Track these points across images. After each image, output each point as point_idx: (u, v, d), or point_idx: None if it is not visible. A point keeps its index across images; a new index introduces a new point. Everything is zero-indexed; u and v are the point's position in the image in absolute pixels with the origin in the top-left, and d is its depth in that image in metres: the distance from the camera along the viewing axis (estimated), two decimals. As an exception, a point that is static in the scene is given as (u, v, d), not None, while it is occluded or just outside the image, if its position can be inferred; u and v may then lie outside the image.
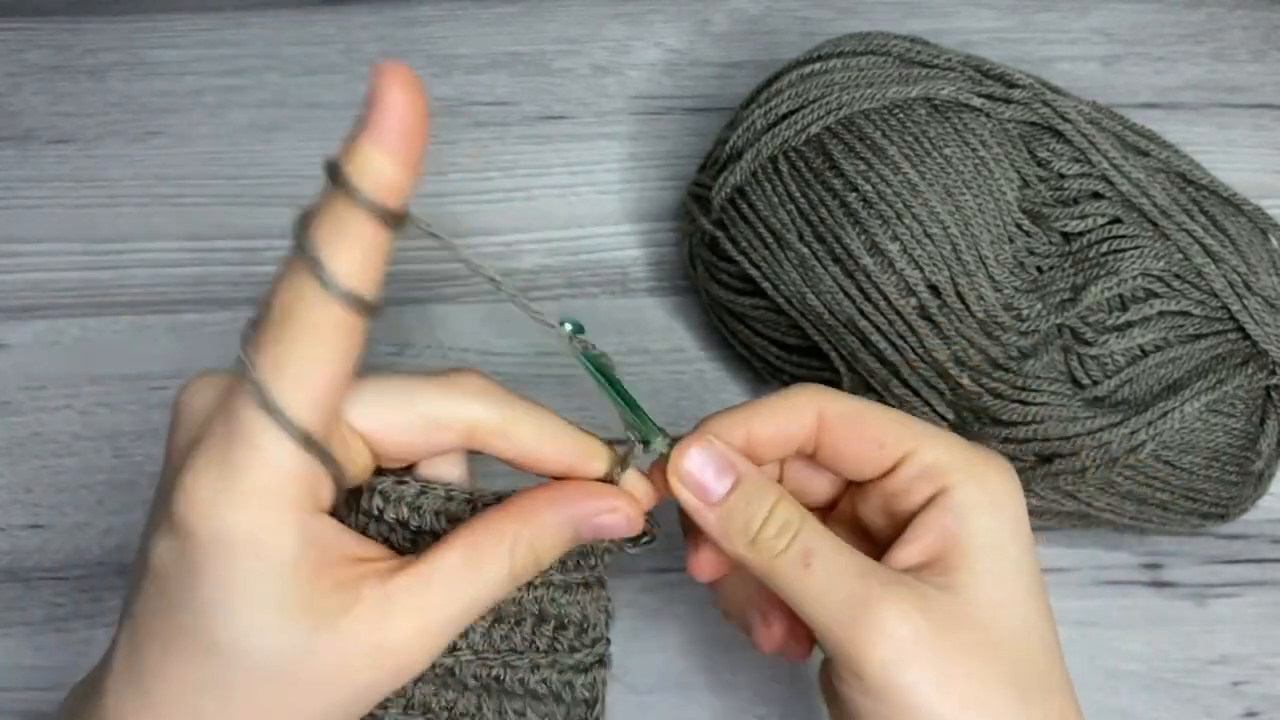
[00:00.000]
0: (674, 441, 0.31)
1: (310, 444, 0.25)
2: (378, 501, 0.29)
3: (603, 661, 0.32)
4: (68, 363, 0.48)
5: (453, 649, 0.29)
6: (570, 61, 0.55)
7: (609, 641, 0.32)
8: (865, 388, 0.41)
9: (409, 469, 0.31)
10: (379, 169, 0.25)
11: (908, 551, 0.30)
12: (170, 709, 0.26)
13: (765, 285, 0.42)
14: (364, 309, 0.25)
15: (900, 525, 0.30)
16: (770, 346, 0.44)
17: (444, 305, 0.49)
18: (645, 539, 0.32)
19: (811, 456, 0.32)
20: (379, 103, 0.25)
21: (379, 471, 0.30)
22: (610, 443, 0.31)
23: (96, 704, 0.27)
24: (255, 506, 0.25)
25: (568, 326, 0.30)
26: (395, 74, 0.24)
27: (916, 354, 0.39)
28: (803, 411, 0.31)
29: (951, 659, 0.28)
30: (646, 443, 0.31)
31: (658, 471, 0.31)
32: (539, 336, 0.48)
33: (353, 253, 0.25)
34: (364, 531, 0.29)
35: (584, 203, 0.51)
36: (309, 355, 0.25)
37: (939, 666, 0.27)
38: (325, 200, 0.25)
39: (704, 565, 0.33)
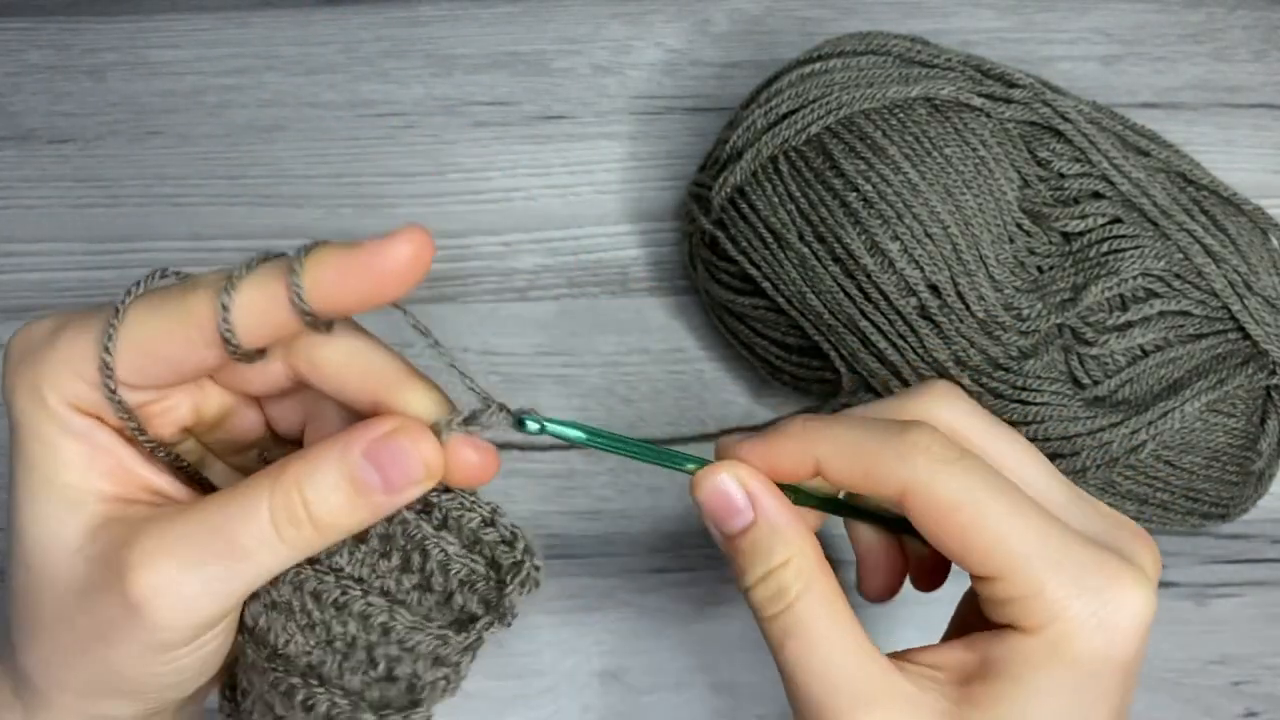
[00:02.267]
0: (701, 463, 0.28)
1: (105, 370, 0.25)
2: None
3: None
4: (68, 363, 0.48)
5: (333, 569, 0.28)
6: (570, 61, 0.55)
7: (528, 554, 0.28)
8: (865, 388, 0.41)
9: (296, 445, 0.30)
10: (327, 276, 0.24)
11: (950, 653, 0.26)
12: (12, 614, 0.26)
13: (765, 285, 0.42)
14: (229, 344, 0.25)
15: (971, 599, 0.27)
16: (770, 346, 0.44)
17: (444, 305, 0.49)
18: (519, 567, 0.28)
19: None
20: (382, 244, 0.24)
21: (446, 491, 0.28)
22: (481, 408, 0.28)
23: None
24: (45, 377, 0.25)
25: (531, 424, 0.27)
26: (414, 240, 0.24)
27: (916, 354, 0.39)
28: (885, 481, 0.26)
29: None
30: (684, 470, 0.28)
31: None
32: (540, 337, 0.48)
33: (255, 302, 0.24)
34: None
35: (584, 203, 0.51)
36: (164, 325, 0.25)
37: None
38: (283, 259, 0.25)
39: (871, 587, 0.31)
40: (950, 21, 0.56)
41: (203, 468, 0.30)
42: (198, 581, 0.25)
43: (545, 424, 0.27)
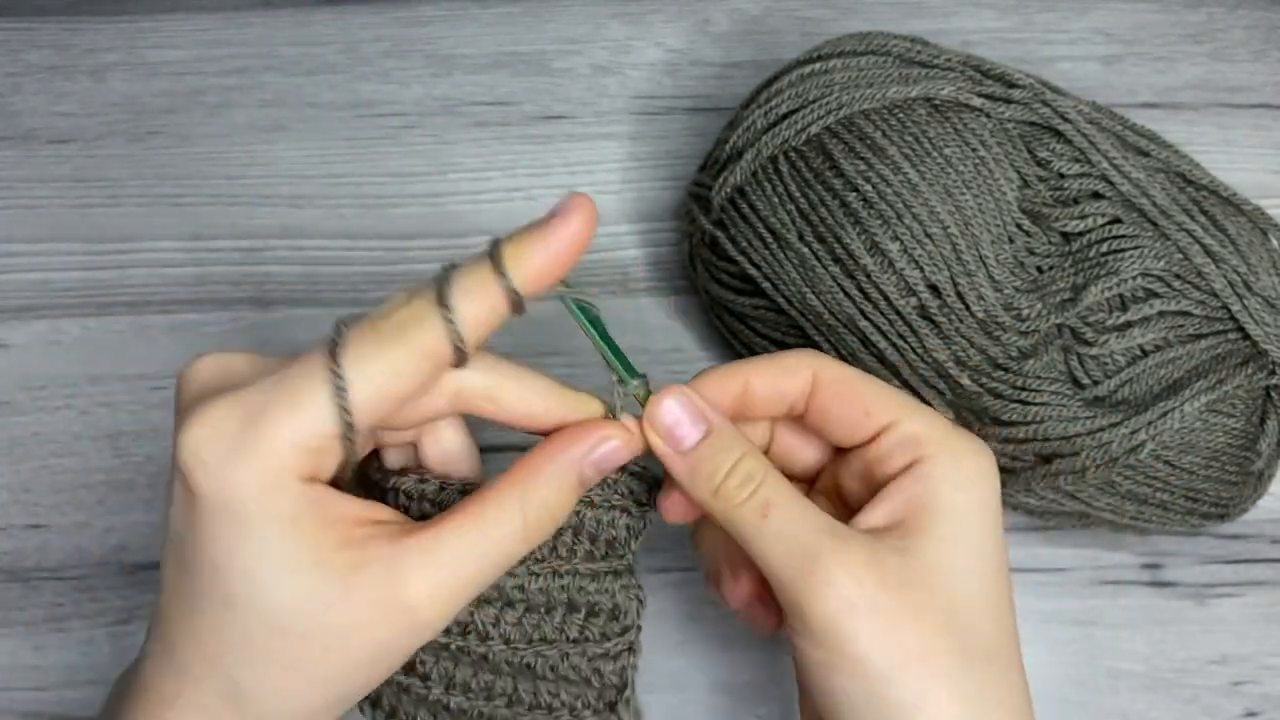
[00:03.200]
0: (649, 389, 0.32)
1: (347, 423, 0.26)
2: (401, 501, 0.31)
3: (632, 649, 0.32)
4: (68, 363, 0.48)
5: (485, 638, 0.30)
6: (570, 61, 0.55)
7: (639, 629, 0.32)
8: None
9: (419, 465, 0.32)
10: (533, 265, 0.28)
11: (874, 514, 0.31)
12: (197, 667, 0.27)
13: (765, 285, 0.42)
14: (459, 358, 0.28)
15: (874, 493, 0.31)
16: (770, 346, 0.44)
17: (444, 305, 0.49)
18: (655, 489, 0.33)
19: (800, 419, 0.33)
20: (563, 219, 0.28)
21: (401, 472, 0.32)
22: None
23: (136, 679, 0.28)
24: (259, 463, 0.26)
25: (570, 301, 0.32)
26: (584, 207, 0.28)
27: (916, 354, 0.39)
28: (798, 371, 0.32)
29: (895, 614, 0.28)
30: (624, 383, 0.32)
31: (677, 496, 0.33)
32: (539, 336, 0.48)
33: (478, 314, 0.28)
34: None
35: (584, 203, 0.51)
36: (395, 362, 0.27)
37: (881, 620, 0.28)
38: (476, 265, 0.28)
39: (674, 507, 0.34)
40: (950, 21, 0.56)
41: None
42: (462, 581, 0.28)
43: (572, 303, 0.32)
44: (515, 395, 0.31)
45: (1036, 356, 0.39)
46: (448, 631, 0.30)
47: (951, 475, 0.31)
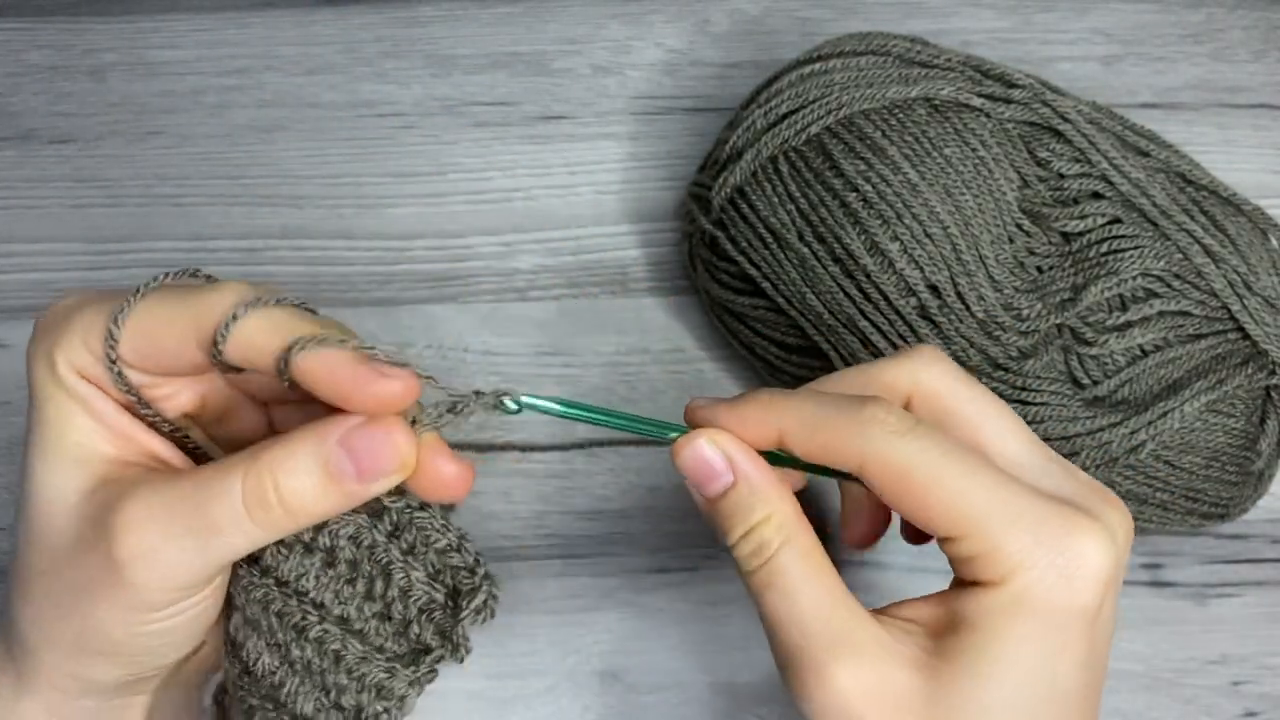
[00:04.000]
0: (683, 430, 0.30)
1: (110, 349, 0.27)
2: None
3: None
4: (68, 363, 0.48)
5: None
6: (570, 61, 0.55)
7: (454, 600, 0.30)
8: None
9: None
10: (320, 377, 0.26)
11: (919, 608, 0.28)
12: (18, 583, 0.28)
13: (765, 285, 0.42)
14: (219, 362, 0.27)
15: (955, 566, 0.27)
16: (770, 346, 0.44)
17: (444, 305, 0.49)
18: (476, 593, 0.29)
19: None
20: (378, 384, 0.26)
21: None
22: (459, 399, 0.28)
23: None
24: (64, 347, 0.27)
25: (510, 403, 0.28)
26: (406, 389, 0.26)
27: (916, 354, 0.39)
28: (843, 454, 0.27)
29: None
30: (662, 440, 0.30)
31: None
32: (540, 337, 0.48)
33: (249, 335, 0.27)
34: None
35: (584, 203, 0.51)
36: (175, 318, 0.27)
37: None
38: (304, 321, 0.27)
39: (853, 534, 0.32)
40: (950, 21, 0.56)
41: (212, 454, 0.31)
42: (175, 550, 0.26)
43: (521, 401, 0.28)
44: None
45: (1036, 356, 0.39)
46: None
47: (1029, 629, 0.25)
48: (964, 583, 0.27)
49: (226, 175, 0.52)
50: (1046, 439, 0.39)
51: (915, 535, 0.32)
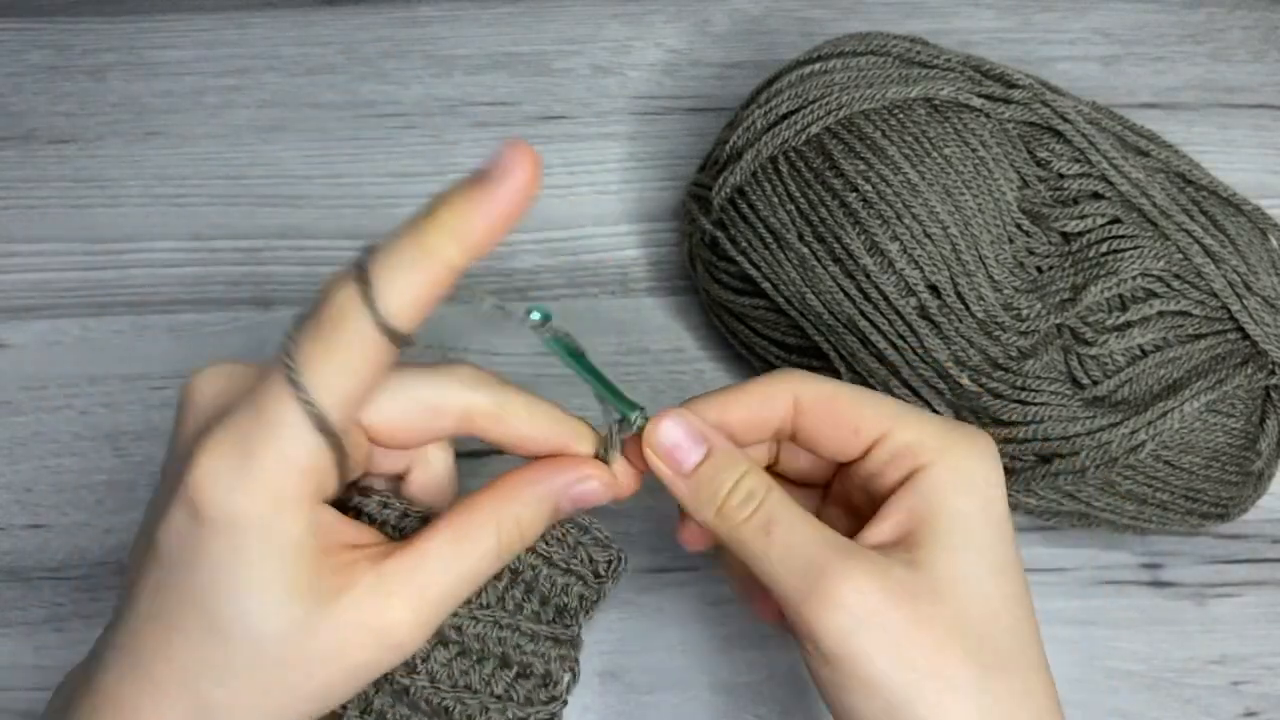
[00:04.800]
0: (647, 417, 0.32)
1: (331, 437, 0.26)
2: (363, 521, 0.30)
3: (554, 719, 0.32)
4: (68, 363, 0.48)
5: (411, 670, 0.30)
6: (570, 61, 0.55)
7: (565, 703, 0.32)
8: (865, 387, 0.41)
9: (398, 479, 0.32)
10: (469, 230, 0.26)
11: (878, 530, 0.30)
12: (170, 688, 0.26)
13: (765, 285, 0.42)
14: (398, 340, 0.27)
15: (878, 505, 0.31)
16: (770, 346, 0.44)
17: (443, 305, 0.49)
18: (615, 564, 0.33)
19: (791, 439, 0.33)
20: (501, 176, 0.26)
21: (363, 491, 0.31)
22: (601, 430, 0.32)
23: (92, 689, 0.27)
24: (269, 492, 0.26)
25: (535, 314, 0.31)
26: (524, 157, 0.26)
27: (916, 354, 0.39)
28: (778, 397, 0.32)
29: (906, 631, 0.28)
30: (624, 419, 0.31)
31: (634, 446, 0.32)
32: (539, 340, 0.48)
33: (406, 290, 0.26)
34: None
35: (584, 203, 0.51)
36: (344, 362, 0.26)
37: (893, 637, 0.28)
38: (401, 237, 0.26)
39: (692, 536, 0.34)
40: (950, 22, 0.56)
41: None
42: (440, 607, 0.28)
43: (556, 335, 0.32)
44: (519, 417, 0.30)
45: (1036, 356, 0.39)
46: None
47: (951, 482, 0.30)
48: (888, 494, 0.31)
49: (226, 175, 0.52)
50: (1046, 439, 0.39)
51: (772, 614, 0.34)
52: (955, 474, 0.30)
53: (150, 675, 0.27)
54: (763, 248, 0.41)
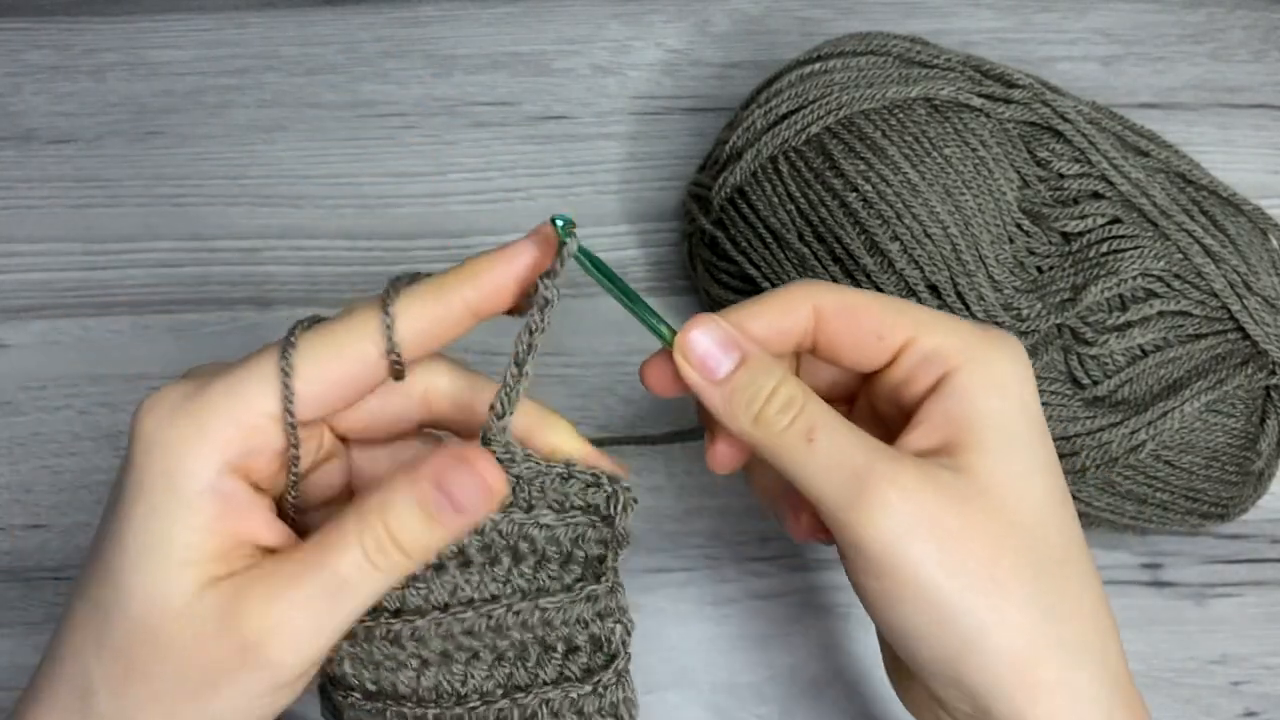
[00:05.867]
0: (674, 330, 0.31)
1: (290, 416, 0.27)
2: None
3: (621, 681, 0.31)
4: (68, 363, 0.48)
5: (459, 699, 0.29)
6: (570, 61, 0.55)
7: (628, 656, 0.31)
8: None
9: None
10: (488, 278, 0.29)
11: (916, 436, 0.29)
12: (66, 657, 0.27)
13: (765, 285, 0.42)
14: (396, 367, 0.28)
15: (910, 415, 0.30)
16: (770, 346, 0.44)
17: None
18: (613, 498, 0.30)
19: (812, 352, 0.31)
20: (525, 247, 0.30)
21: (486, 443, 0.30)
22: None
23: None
24: (197, 424, 0.26)
25: (559, 221, 0.30)
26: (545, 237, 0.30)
27: (916, 354, 0.39)
28: (798, 307, 0.30)
29: (957, 536, 0.27)
30: (660, 336, 0.31)
31: (664, 364, 0.31)
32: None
33: (420, 318, 0.28)
34: None
35: (584, 203, 0.51)
36: (336, 361, 0.28)
37: (944, 543, 0.27)
38: (428, 281, 0.29)
39: (721, 457, 0.32)
40: (950, 21, 0.56)
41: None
42: (307, 616, 0.27)
43: (583, 256, 0.31)
44: (485, 404, 0.29)
45: (1036, 356, 0.39)
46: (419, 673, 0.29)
47: (984, 384, 0.29)
48: (920, 401, 0.30)
49: (226, 175, 0.52)
50: (1046, 439, 0.39)
51: (819, 530, 0.32)
52: (988, 376, 0.29)
53: (55, 647, 0.27)
54: (763, 248, 0.41)
